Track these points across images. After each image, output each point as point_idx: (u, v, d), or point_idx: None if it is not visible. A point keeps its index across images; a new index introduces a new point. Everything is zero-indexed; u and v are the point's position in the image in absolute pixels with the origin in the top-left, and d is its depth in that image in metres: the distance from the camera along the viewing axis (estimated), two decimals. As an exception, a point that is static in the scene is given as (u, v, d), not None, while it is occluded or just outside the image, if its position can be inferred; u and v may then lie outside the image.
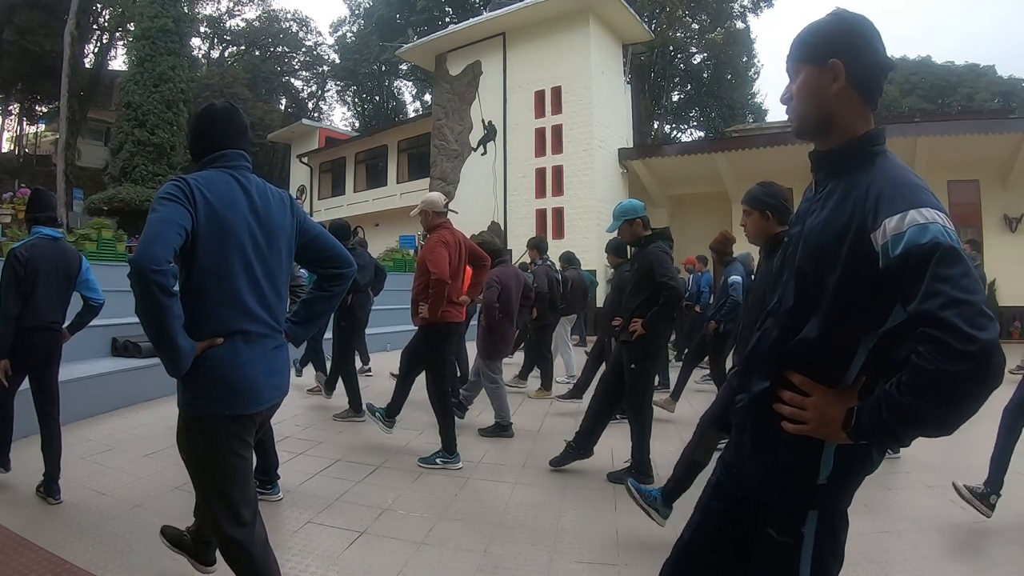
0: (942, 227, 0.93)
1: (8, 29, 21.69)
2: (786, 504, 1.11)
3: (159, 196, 1.47)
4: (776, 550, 1.11)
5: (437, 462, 3.62)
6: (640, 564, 2.38)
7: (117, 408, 4.80)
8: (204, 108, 1.73)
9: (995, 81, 27.60)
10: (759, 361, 1.16)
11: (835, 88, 1.08)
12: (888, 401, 0.91)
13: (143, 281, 1.34)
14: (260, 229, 1.60)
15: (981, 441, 3.76)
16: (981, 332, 0.83)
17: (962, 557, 2.48)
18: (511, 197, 15.49)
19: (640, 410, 3.44)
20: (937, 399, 0.87)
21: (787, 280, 1.14)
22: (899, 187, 0.99)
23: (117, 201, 15.17)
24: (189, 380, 1.52)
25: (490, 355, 4.51)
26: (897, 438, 0.95)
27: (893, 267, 0.93)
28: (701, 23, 25.37)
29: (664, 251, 3.39)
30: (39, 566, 2.23)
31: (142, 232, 1.41)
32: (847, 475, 1.07)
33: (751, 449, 1.16)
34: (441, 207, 3.80)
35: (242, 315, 1.56)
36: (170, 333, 1.41)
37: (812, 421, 1.02)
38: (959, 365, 0.83)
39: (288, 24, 33.26)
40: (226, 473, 1.59)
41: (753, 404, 1.15)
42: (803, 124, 1.15)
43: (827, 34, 1.11)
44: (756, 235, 2.48)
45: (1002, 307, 12.39)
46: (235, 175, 1.61)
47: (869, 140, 1.08)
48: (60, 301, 2.96)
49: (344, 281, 1.83)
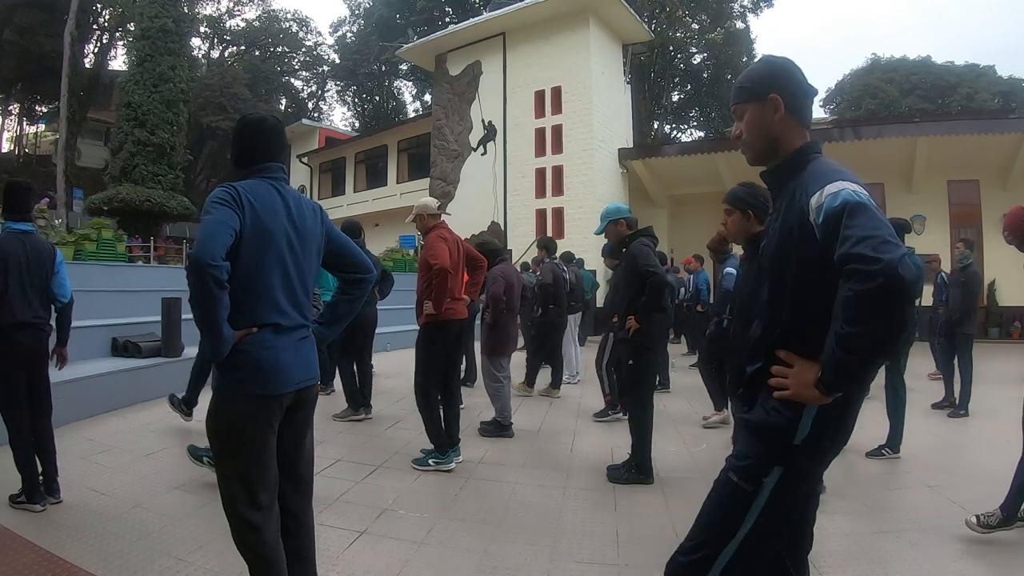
0: (851, 191, 1.13)
1: (8, 29, 21.70)
2: (758, 456, 1.27)
3: (212, 200, 1.63)
4: (732, 493, 1.28)
5: (430, 463, 3.60)
6: (640, 564, 2.38)
7: (117, 408, 4.79)
8: (256, 121, 1.86)
9: (995, 81, 27.55)
10: (751, 349, 1.38)
11: (777, 117, 1.32)
12: (836, 341, 1.10)
13: (200, 274, 1.50)
14: (296, 235, 1.76)
15: (981, 440, 3.77)
16: (884, 254, 1.02)
17: (962, 557, 2.47)
18: (511, 197, 15.48)
19: (639, 407, 3.45)
20: (866, 318, 1.05)
21: (763, 281, 1.37)
22: (820, 174, 1.22)
23: (117, 201, 15.11)
24: (225, 363, 1.66)
25: (494, 351, 4.53)
26: (854, 375, 1.12)
27: (822, 234, 1.14)
28: (701, 23, 25.35)
29: (646, 244, 3.50)
30: (39, 566, 2.23)
31: (199, 231, 1.57)
32: (819, 441, 1.24)
33: (745, 414, 1.35)
34: (435, 209, 3.88)
35: (275, 310, 1.71)
36: (217, 321, 1.57)
37: (792, 385, 1.22)
38: (871, 283, 1.02)
39: (288, 24, 33.25)
40: (247, 454, 1.67)
41: (749, 382, 1.36)
42: (755, 152, 1.38)
43: (762, 75, 1.36)
44: (737, 234, 2.53)
45: (1002, 307, 12.39)
46: (276, 185, 1.79)
47: (805, 151, 1.32)
48: (37, 296, 2.86)
49: (365, 286, 1.99)
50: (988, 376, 7.40)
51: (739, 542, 1.26)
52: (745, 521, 1.25)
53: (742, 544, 1.26)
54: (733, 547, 1.26)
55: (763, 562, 1.31)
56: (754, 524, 1.25)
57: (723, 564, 1.26)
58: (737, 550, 1.26)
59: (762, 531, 1.26)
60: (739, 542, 1.26)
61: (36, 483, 2.74)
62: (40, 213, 8.46)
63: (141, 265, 10.97)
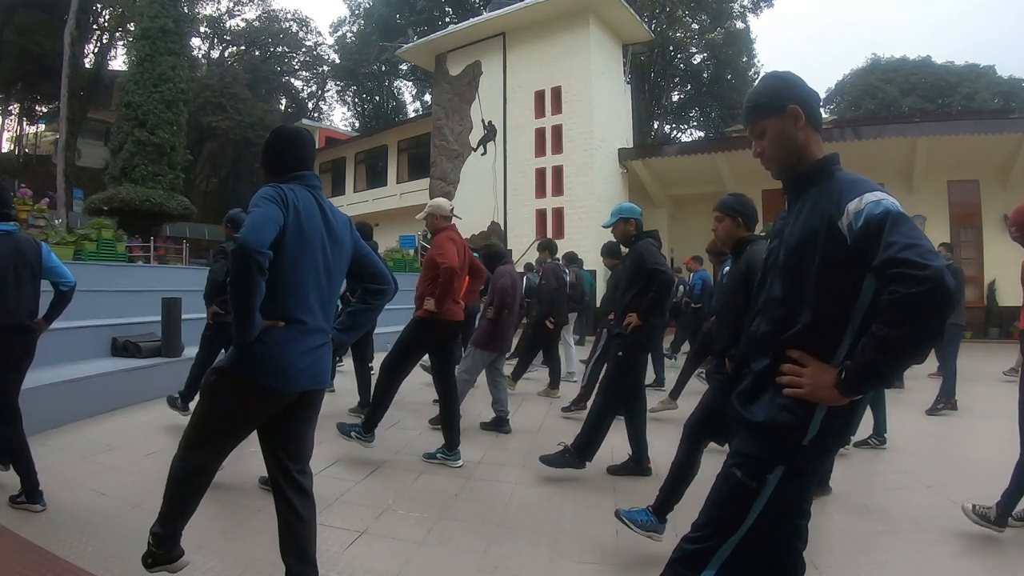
0: (892, 201, 1.19)
1: (8, 29, 21.68)
2: (764, 454, 1.30)
3: (262, 196, 1.74)
4: (736, 488, 1.32)
5: (437, 456, 3.69)
6: (640, 564, 2.38)
7: (117, 408, 4.79)
8: (293, 132, 1.99)
9: (995, 81, 27.56)
10: (755, 346, 1.39)
11: (799, 126, 1.36)
12: (871, 341, 1.13)
13: (245, 259, 1.59)
14: (329, 241, 1.88)
15: (980, 440, 3.77)
16: (932, 261, 1.07)
17: (962, 557, 2.48)
18: (511, 197, 15.48)
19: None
20: (910, 321, 1.08)
21: (772, 280, 1.39)
22: (854, 183, 1.26)
23: (117, 201, 15.09)
24: (244, 347, 1.74)
25: (489, 346, 4.54)
26: (882, 374, 1.15)
27: (858, 238, 1.18)
28: (701, 23, 25.35)
29: (653, 244, 3.54)
30: (39, 566, 2.23)
31: (247, 221, 1.67)
32: (826, 440, 1.27)
33: (749, 412, 1.34)
34: (447, 211, 3.93)
35: (304, 308, 1.80)
36: (252, 306, 1.66)
37: (808, 385, 1.23)
38: (920, 287, 1.06)
39: (288, 24, 33.24)
40: (214, 421, 1.82)
41: (755, 378, 1.36)
42: (780, 164, 1.40)
43: (776, 89, 1.40)
44: (726, 239, 2.64)
45: (1002, 307, 12.38)
46: (313, 193, 1.89)
47: (829, 162, 1.36)
48: (27, 296, 2.79)
49: (385, 296, 2.09)
50: (987, 375, 7.40)
51: (741, 536, 1.31)
52: (748, 517, 1.30)
53: (744, 538, 1.31)
54: (735, 540, 1.31)
55: (763, 555, 1.35)
56: (756, 519, 1.29)
57: (725, 555, 1.32)
58: (739, 543, 1.31)
59: (764, 526, 1.30)
60: (741, 536, 1.31)
61: (36, 483, 2.73)
62: (40, 213, 8.47)
63: (141, 265, 10.95)
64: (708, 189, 14.54)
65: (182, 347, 5.81)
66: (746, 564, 1.33)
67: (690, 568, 1.35)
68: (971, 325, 10.71)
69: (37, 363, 2.94)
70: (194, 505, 1.89)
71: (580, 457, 3.35)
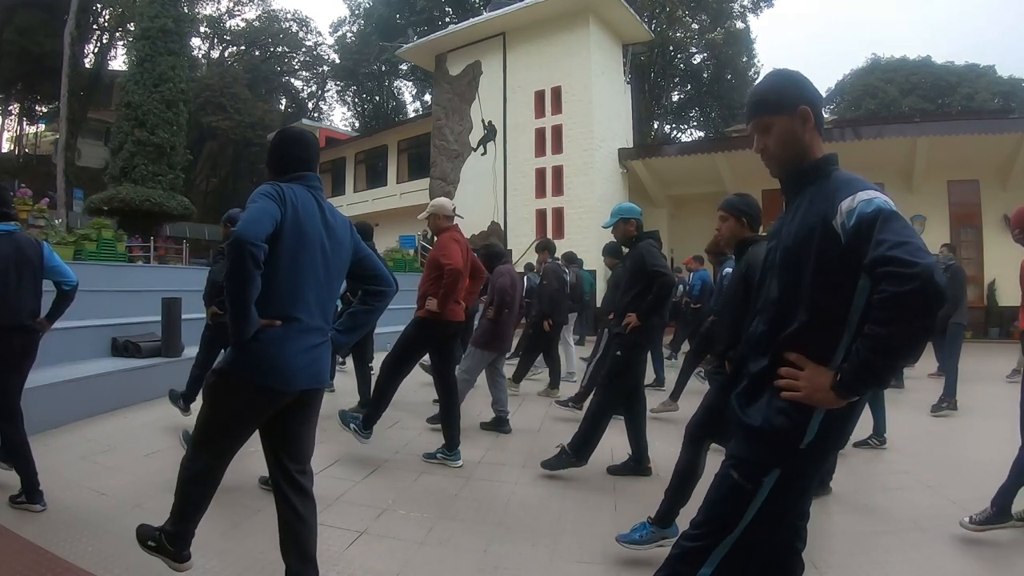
0: (884, 200, 1.18)
1: (8, 29, 21.70)
2: (760, 457, 1.30)
3: (259, 192, 1.75)
4: (733, 489, 1.32)
5: (437, 456, 3.69)
6: (640, 564, 2.38)
7: (117, 408, 4.79)
8: (297, 134, 2.02)
9: (995, 81, 27.56)
10: (753, 347, 1.39)
11: (807, 127, 1.35)
12: (864, 342, 1.13)
13: (240, 251, 1.59)
14: (329, 241, 1.88)
15: (980, 440, 3.77)
16: (921, 259, 1.07)
17: (961, 556, 2.48)
18: (511, 197, 15.47)
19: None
20: (901, 319, 1.08)
21: (770, 280, 1.39)
22: (849, 182, 1.26)
23: (117, 201, 15.10)
24: (241, 346, 1.74)
25: (489, 346, 4.54)
26: (877, 375, 1.15)
27: (851, 236, 1.17)
28: (701, 23, 25.35)
29: (654, 245, 3.53)
30: (39, 566, 2.23)
31: (244, 215, 1.68)
32: (823, 443, 1.26)
33: (747, 415, 1.34)
34: (450, 211, 3.93)
35: (302, 307, 1.80)
36: (248, 300, 1.66)
37: (805, 388, 1.23)
38: (909, 284, 1.05)
39: (288, 24, 33.27)
40: (216, 422, 1.83)
41: (753, 380, 1.36)
42: (782, 163, 1.39)
43: (788, 87, 1.38)
44: (730, 238, 2.62)
45: (1002, 307, 12.37)
46: (314, 194, 1.90)
47: (827, 162, 1.35)
48: (28, 296, 2.79)
49: (386, 298, 2.09)
50: (987, 375, 7.40)
51: (737, 535, 1.32)
52: (744, 517, 1.31)
53: (741, 537, 1.32)
54: (731, 540, 1.32)
55: (761, 555, 1.36)
56: (753, 519, 1.30)
57: (721, 555, 1.33)
58: (736, 542, 1.32)
59: (759, 527, 1.30)
60: (737, 535, 1.32)
61: (36, 483, 2.73)
62: (40, 213, 8.46)
63: (141, 265, 10.96)
64: (708, 189, 14.53)
65: (182, 347, 5.81)
66: (744, 563, 1.33)
67: (688, 565, 1.36)
68: (971, 325, 10.68)
69: (37, 363, 2.94)
70: (204, 505, 1.90)
71: (578, 456, 3.36)
